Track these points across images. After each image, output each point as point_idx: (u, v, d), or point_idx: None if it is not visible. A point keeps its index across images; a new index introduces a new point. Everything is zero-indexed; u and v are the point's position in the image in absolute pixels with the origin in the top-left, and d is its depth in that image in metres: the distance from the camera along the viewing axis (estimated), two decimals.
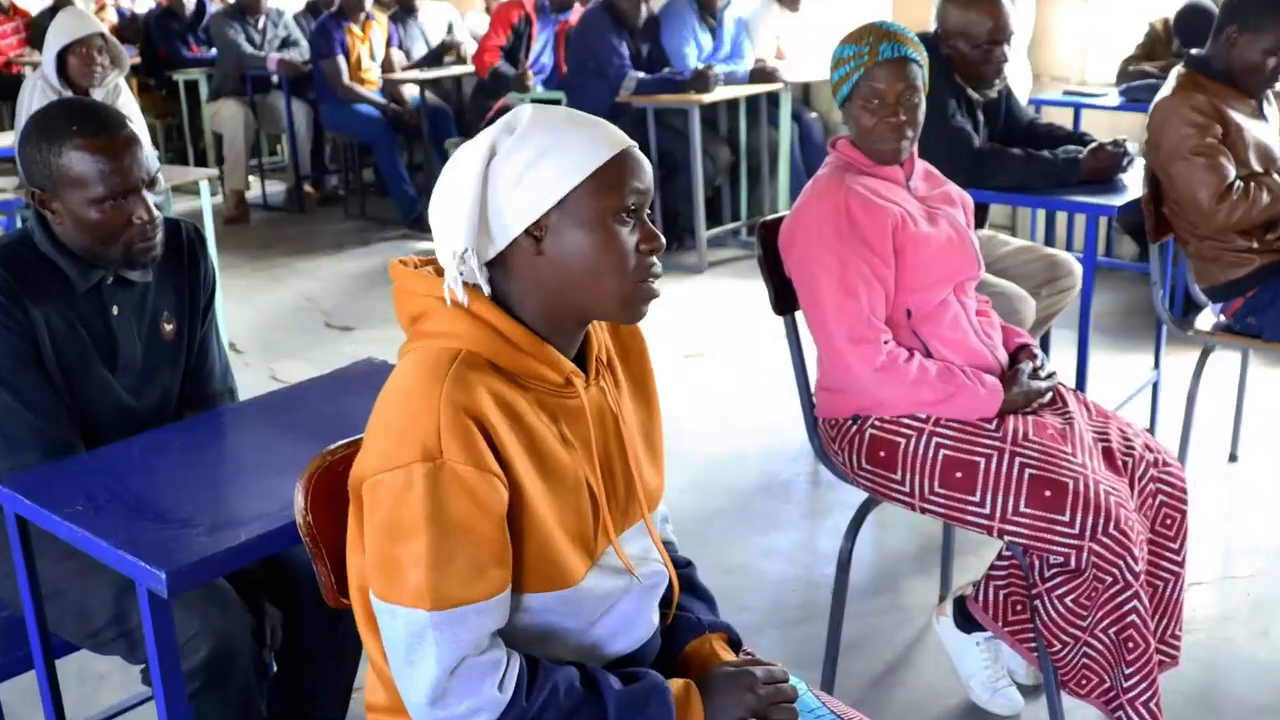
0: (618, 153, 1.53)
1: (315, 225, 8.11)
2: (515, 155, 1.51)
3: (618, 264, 1.54)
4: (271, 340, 5.74)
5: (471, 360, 1.53)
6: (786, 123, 6.93)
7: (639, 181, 1.55)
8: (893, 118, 2.67)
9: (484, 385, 1.51)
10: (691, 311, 5.84)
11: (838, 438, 2.75)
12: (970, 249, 2.75)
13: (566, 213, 1.52)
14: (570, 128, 1.53)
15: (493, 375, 1.53)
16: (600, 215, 1.52)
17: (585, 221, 1.52)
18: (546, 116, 1.54)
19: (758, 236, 2.85)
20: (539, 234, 1.53)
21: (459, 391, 1.48)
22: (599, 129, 1.55)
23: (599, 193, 1.52)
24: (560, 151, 1.51)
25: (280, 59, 8.16)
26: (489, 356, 1.54)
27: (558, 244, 1.53)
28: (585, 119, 1.56)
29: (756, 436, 4.42)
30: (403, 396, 1.51)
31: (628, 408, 1.73)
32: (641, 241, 1.56)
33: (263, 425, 2.28)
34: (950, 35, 3.75)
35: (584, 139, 1.52)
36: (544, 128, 1.52)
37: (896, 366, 2.60)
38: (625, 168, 1.54)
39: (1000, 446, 2.54)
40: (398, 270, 1.62)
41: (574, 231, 1.53)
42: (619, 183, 1.53)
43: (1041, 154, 3.78)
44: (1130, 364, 4.89)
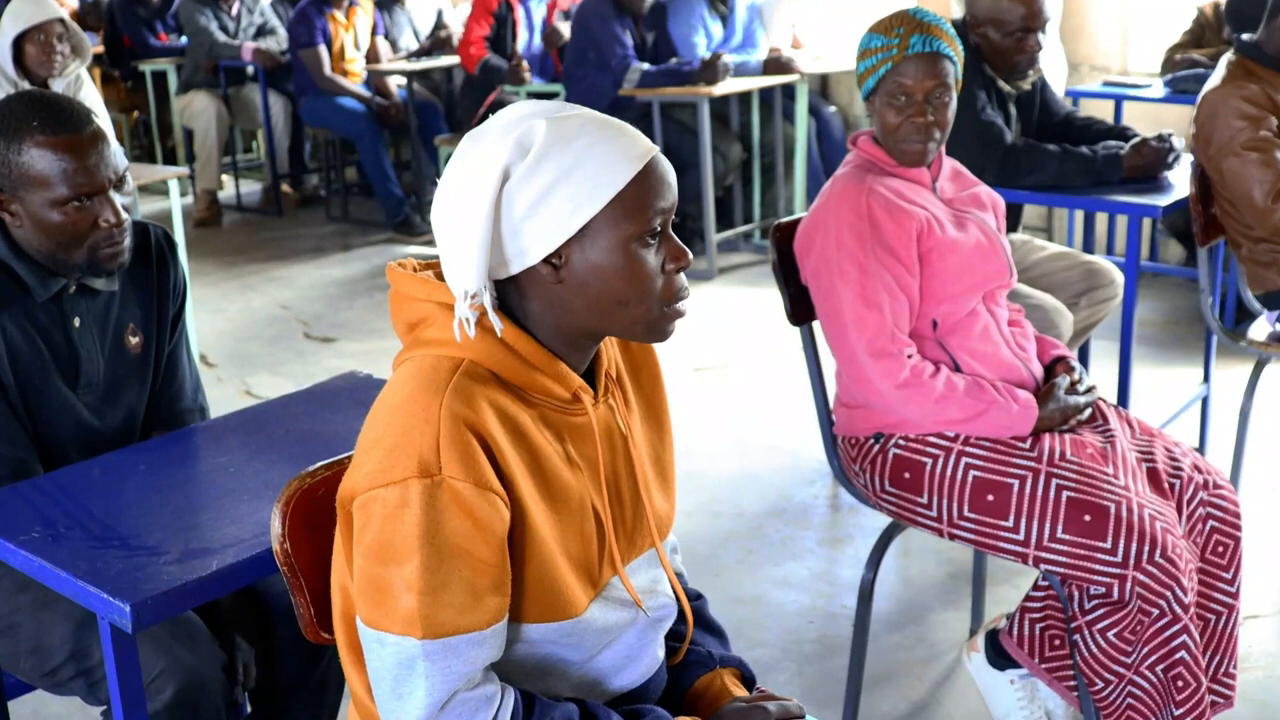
0: (641, 169, 1.52)
1: (293, 228, 8.12)
2: (530, 181, 1.50)
3: (643, 290, 1.55)
4: (245, 353, 5.74)
5: (474, 371, 1.53)
6: (803, 117, 6.93)
7: (664, 199, 1.54)
8: (920, 117, 2.67)
9: (486, 398, 1.51)
10: (701, 321, 5.85)
11: (859, 458, 2.75)
12: (1001, 255, 2.75)
13: (587, 240, 1.52)
14: (589, 145, 1.51)
15: (496, 388, 1.54)
16: (624, 241, 1.52)
17: (607, 249, 1.52)
18: (563, 132, 1.51)
19: (772, 241, 2.85)
20: (558, 263, 1.53)
21: (460, 404, 1.49)
22: (620, 141, 1.52)
23: (622, 218, 1.52)
24: (579, 175, 1.50)
25: (256, 48, 8.16)
26: (492, 368, 1.55)
27: (578, 272, 1.54)
28: (605, 128, 1.53)
29: (771, 456, 4.42)
30: (399, 408, 1.51)
31: (637, 427, 1.73)
32: (668, 260, 1.57)
33: (236, 445, 2.28)
34: (980, 22, 3.76)
35: (604, 158, 1.51)
36: (561, 147, 1.50)
37: (921, 382, 2.60)
38: (649, 186, 1.53)
39: (1035, 467, 2.54)
40: (395, 274, 1.62)
41: (596, 259, 1.53)
42: (643, 204, 1.52)
43: (1079, 150, 3.78)
44: (1177, 378, 4.88)
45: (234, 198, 8.80)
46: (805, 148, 6.96)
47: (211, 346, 5.78)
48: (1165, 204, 3.65)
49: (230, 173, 8.98)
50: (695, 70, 6.43)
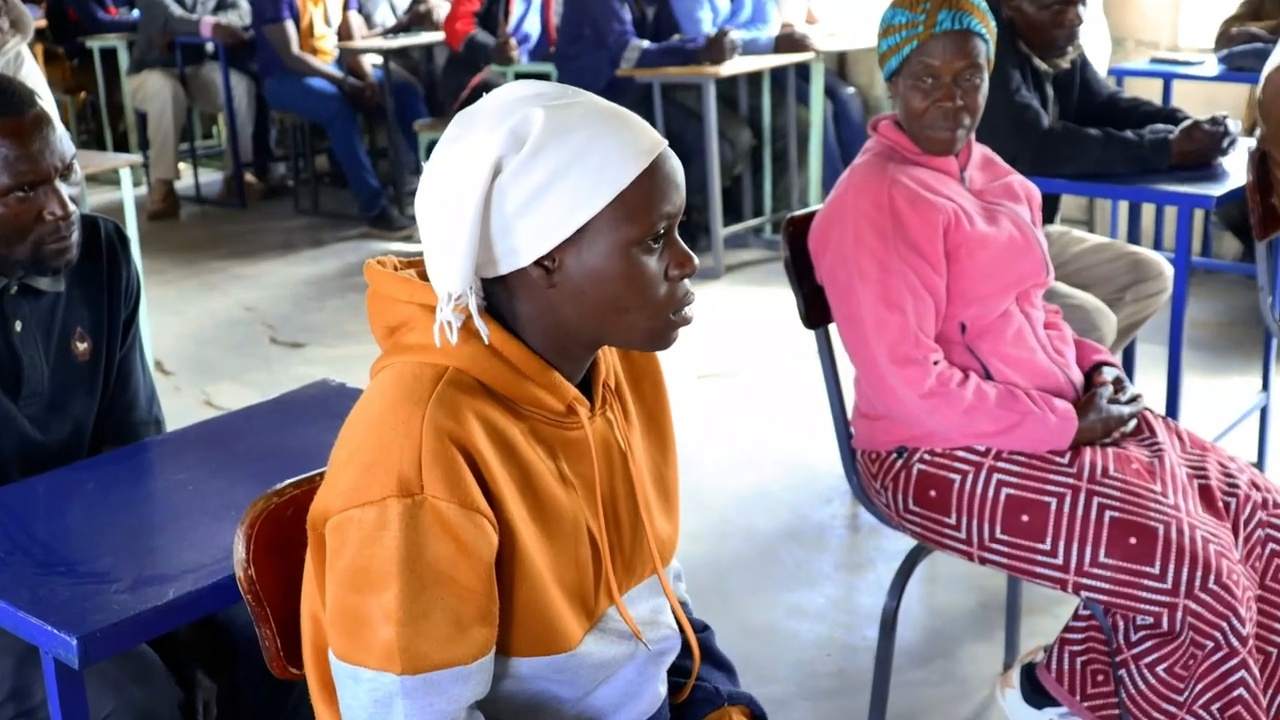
0: (646, 167, 1.52)
1: (259, 222, 8.13)
2: (525, 177, 1.50)
3: (644, 298, 1.55)
4: (205, 360, 5.74)
5: (459, 380, 1.53)
6: (819, 100, 6.94)
7: (670, 201, 1.54)
8: (948, 101, 2.67)
9: (473, 410, 1.52)
10: (706, 324, 5.85)
11: (880, 474, 2.75)
12: (1037, 251, 2.75)
13: (584, 242, 1.52)
14: (591, 138, 1.51)
15: (483, 399, 1.54)
16: (624, 245, 1.52)
17: (606, 252, 1.52)
18: (562, 123, 1.51)
19: (784, 236, 2.85)
20: (550, 266, 1.53)
21: (444, 416, 1.49)
22: (624, 135, 1.52)
23: (623, 221, 1.52)
24: (578, 172, 1.50)
25: (216, 23, 8.16)
26: (479, 376, 1.55)
27: (573, 276, 1.54)
28: (609, 120, 1.53)
29: (784, 473, 4.43)
30: (376, 420, 1.51)
31: (638, 442, 1.74)
32: (671, 265, 1.57)
33: (195, 461, 2.29)
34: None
35: (606, 153, 1.50)
36: (560, 140, 1.50)
37: (949, 391, 2.61)
38: (654, 186, 1.53)
39: (1075, 484, 2.54)
40: (374, 272, 1.62)
41: (592, 264, 1.53)
42: (646, 206, 1.52)
43: (1124, 134, 3.78)
44: (1233, 385, 4.89)
45: (192, 188, 8.80)
46: (821, 133, 6.97)
47: (168, 352, 5.78)
48: (1219, 193, 3.65)
49: (188, 161, 8.98)
50: (700, 48, 6.44)
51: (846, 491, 4.20)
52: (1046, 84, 3.89)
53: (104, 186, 7.74)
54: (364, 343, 5.66)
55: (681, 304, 1.58)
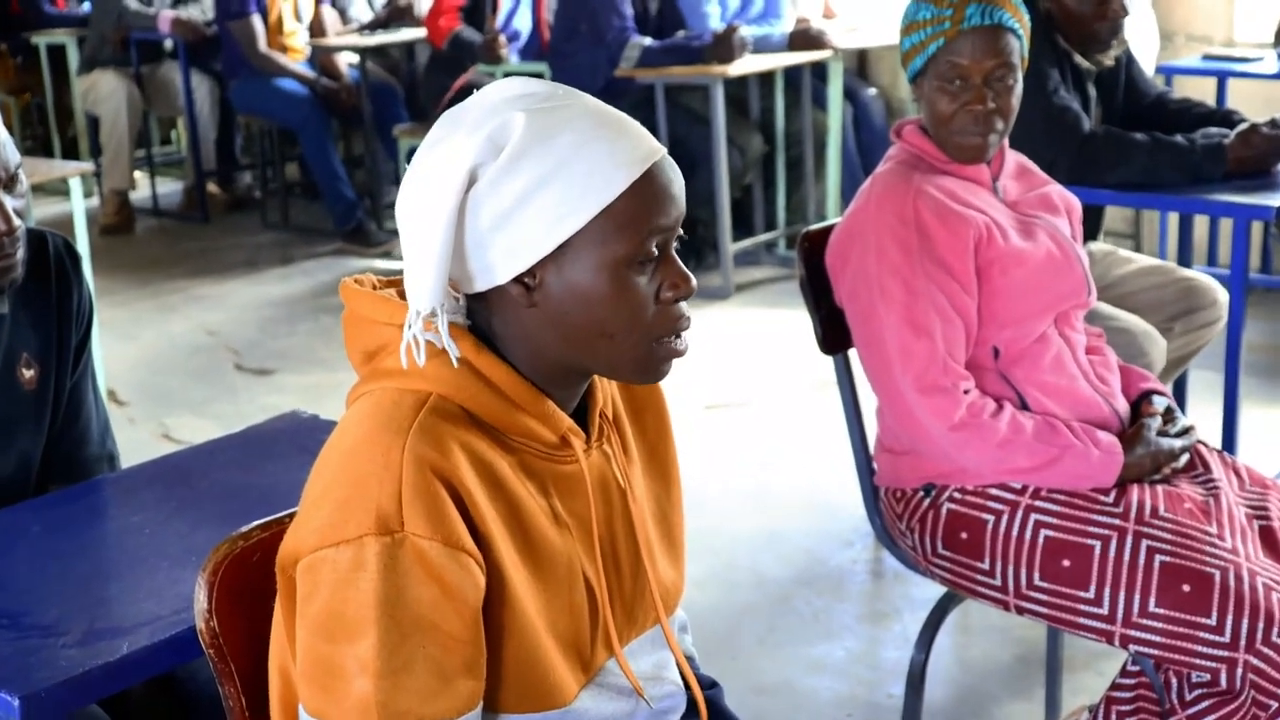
0: (638, 177, 1.52)
1: (222, 237, 8.14)
2: (501, 187, 1.50)
3: (631, 321, 1.55)
4: (164, 389, 5.75)
5: (443, 408, 1.53)
6: (837, 103, 6.96)
7: (664, 215, 1.54)
8: (979, 104, 2.68)
9: (458, 440, 1.52)
10: (714, 349, 5.85)
11: (906, 514, 2.75)
12: (1077, 268, 2.75)
13: (566, 259, 1.52)
14: (576, 145, 1.51)
15: (469, 428, 1.54)
16: (611, 263, 1.52)
17: (590, 271, 1.52)
18: (546, 127, 1.51)
19: (799, 252, 2.86)
20: (530, 283, 1.54)
21: (426, 446, 1.49)
22: (616, 142, 1.52)
23: (610, 237, 1.52)
24: (561, 182, 1.50)
25: (176, 18, 8.18)
26: (465, 404, 1.55)
27: (554, 296, 1.54)
28: (599, 125, 1.53)
29: (799, 512, 4.42)
30: (352, 451, 1.51)
31: (638, 479, 1.74)
32: (665, 285, 1.56)
33: (152, 501, 2.28)
34: None
35: (593, 161, 1.50)
36: (541, 146, 1.50)
37: (981, 422, 2.61)
38: (646, 198, 1.53)
39: (1121, 526, 2.54)
40: (351, 292, 1.62)
41: (575, 283, 1.53)
42: (637, 221, 1.52)
43: (1174, 139, 3.78)
44: None
45: (149, 200, 8.82)
46: (839, 139, 6.99)
47: (122, 381, 5.79)
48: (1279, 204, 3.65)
49: (145, 169, 9.01)
50: (706, 46, 6.45)
51: (869, 533, 4.19)
52: (1088, 83, 3.90)
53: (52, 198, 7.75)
54: (338, 370, 5.66)
55: (673, 329, 1.57)
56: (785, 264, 7.00)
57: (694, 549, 2.99)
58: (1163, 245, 6.14)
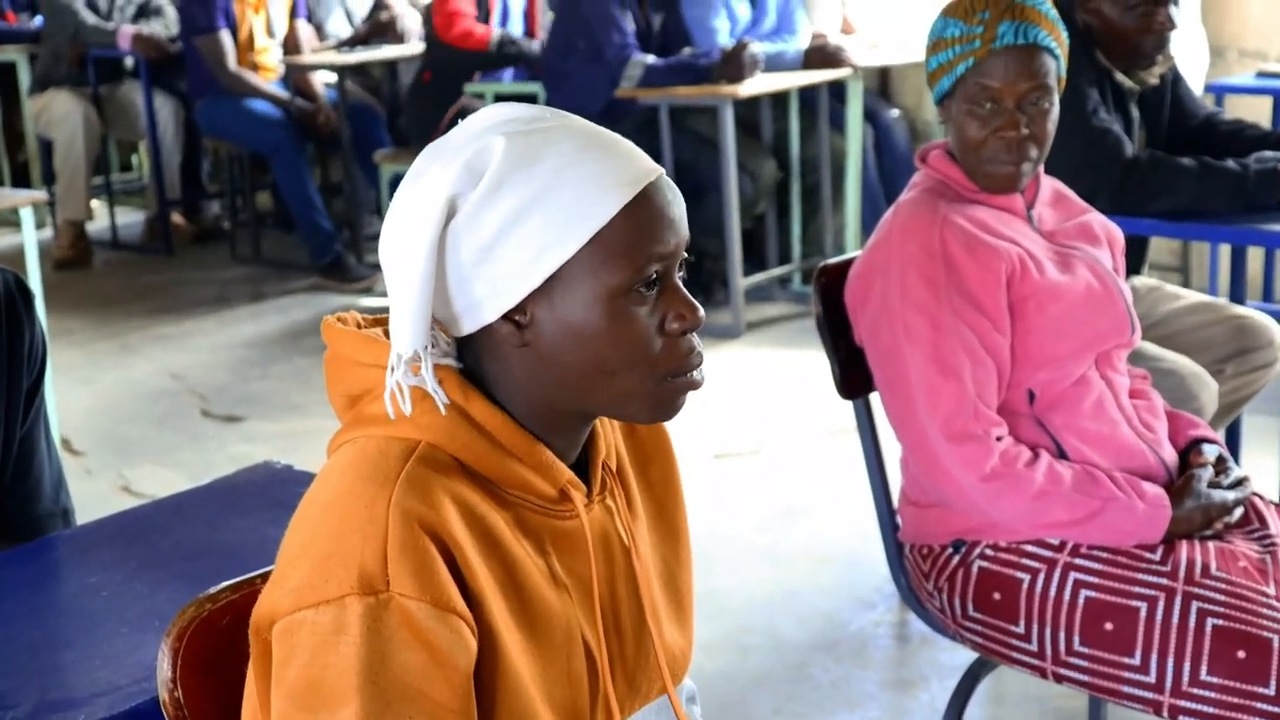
0: (631, 199, 1.52)
1: (188, 272, 8.15)
2: (482, 217, 1.51)
3: (632, 357, 1.55)
4: (123, 437, 5.75)
5: (432, 457, 1.53)
6: (857, 125, 6.97)
7: (662, 240, 1.54)
8: (1011, 130, 2.69)
9: (448, 492, 1.52)
10: (724, 393, 5.85)
11: (933, 573, 2.75)
12: (1120, 304, 2.76)
13: (558, 292, 1.52)
14: (561, 167, 1.51)
15: (460, 480, 1.54)
16: (607, 294, 1.52)
17: (583, 304, 1.52)
18: (527, 151, 1.52)
19: (816, 287, 2.86)
20: (521, 320, 1.54)
21: (414, 499, 1.49)
22: (605, 162, 1.53)
23: (602, 265, 1.52)
24: (546, 208, 1.50)
25: (137, 33, 8.19)
26: (456, 453, 1.55)
27: (547, 333, 1.54)
28: (586, 146, 1.54)
29: (817, 570, 4.42)
30: (334, 504, 1.51)
31: (644, 536, 1.74)
32: (669, 316, 1.56)
33: (111, 560, 2.28)
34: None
35: (580, 184, 1.51)
36: (523, 171, 1.51)
37: (1015, 472, 2.61)
38: (641, 222, 1.53)
39: (1169, 586, 2.54)
40: (333, 332, 1.62)
41: (568, 317, 1.53)
42: (632, 247, 1.52)
43: (1224, 163, 3.78)
44: None
45: (108, 231, 8.84)
46: (859, 165, 6.99)
47: (78, 429, 5.79)
48: None
49: (103, 198, 9.01)
50: (715, 64, 6.47)
51: (893, 594, 4.18)
52: (1131, 103, 3.90)
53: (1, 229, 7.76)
54: (314, 416, 5.66)
55: (683, 363, 1.57)
56: (801, 300, 7.01)
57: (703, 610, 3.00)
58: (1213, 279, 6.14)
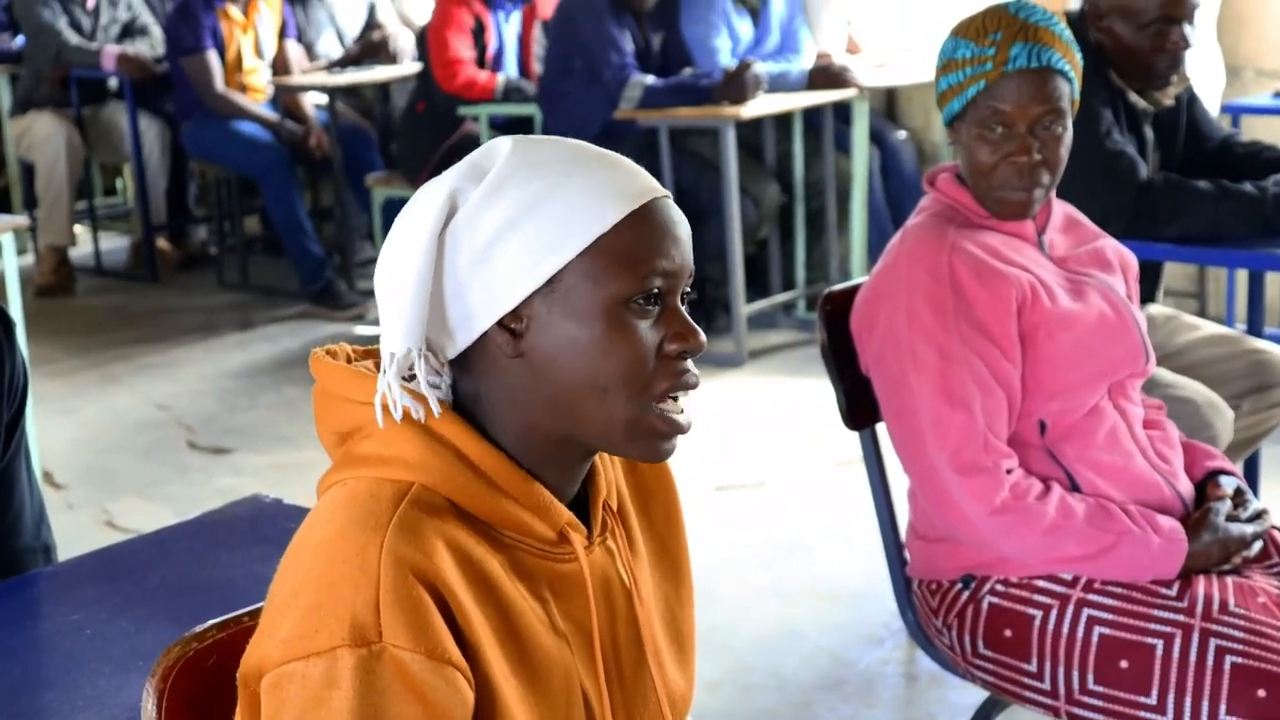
0: (637, 209, 1.53)
1: (174, 299, 8.15)
2: (483, 215, 1.52)
3: (627, 372, 1.54)
4: (107, 470, 5.74)
5: (426, 500, 1.53)
6: (863, 148, 6.97)
7: (666, 256, 1.55)
8: (1023, 155, 2.69)
9: (442, 537, 1.51)
10: (726, 423, 5.85)
11: (942, 609, 2.74)
12: (1134, 332, 2.76)
13: (556, 299, 1.53)
14: (566, 173, 1.53)
15: (455, 522, 1.54)
16: (607, 302, 1.53)
17: (583, 311, 1.53)
18: (533, 155, 1.54)
19: (821, 315, 2.87)
20: (517, 327, 1.54)
21: (408, 545, 1.48)
22: (611, 173, 1.55)
23: (605, 273, 1.52)
24: (549, 209, 1.51)
25: (122, 53, 8.18)
26: (450, 495, 1.55)
27: (543, 343, 1.54)
28: (593, 159, 1.56)
29: (822, 606, 4.41)
30: (324, 549, 1.50)
31: (645, 577, 1.73)
32: (669, 338, 1.56)
33: (94, 597, 2.28)
34: (1103, 12, 3.78)
35: (585, 189, 1.52)
36: (527, 172, 1.52)
37: (1026, 506, 2.61)
38: (644, 234, 1.54)
39: (1186, 623, 2.54)
40: (322, 365, 1.62)
41: (566, 326, 1.53)
42: (636, 257, 1.53)
43: (1241, 186, 3.77)
44: None
45: (91, 257, 8.84)
46: (865, 189, 6.99)
47: (60, 462, 5.78)
48: None
49: (86, 223, 9.02)
50: (717, 84, 6.47)
51: (900, 631, 4.18)
52: (1145, 125, 3.89)
53: None
54: (304, 448, 5.66)
55: (675, 383, 1.56)
56: (805, 328, 7.00)
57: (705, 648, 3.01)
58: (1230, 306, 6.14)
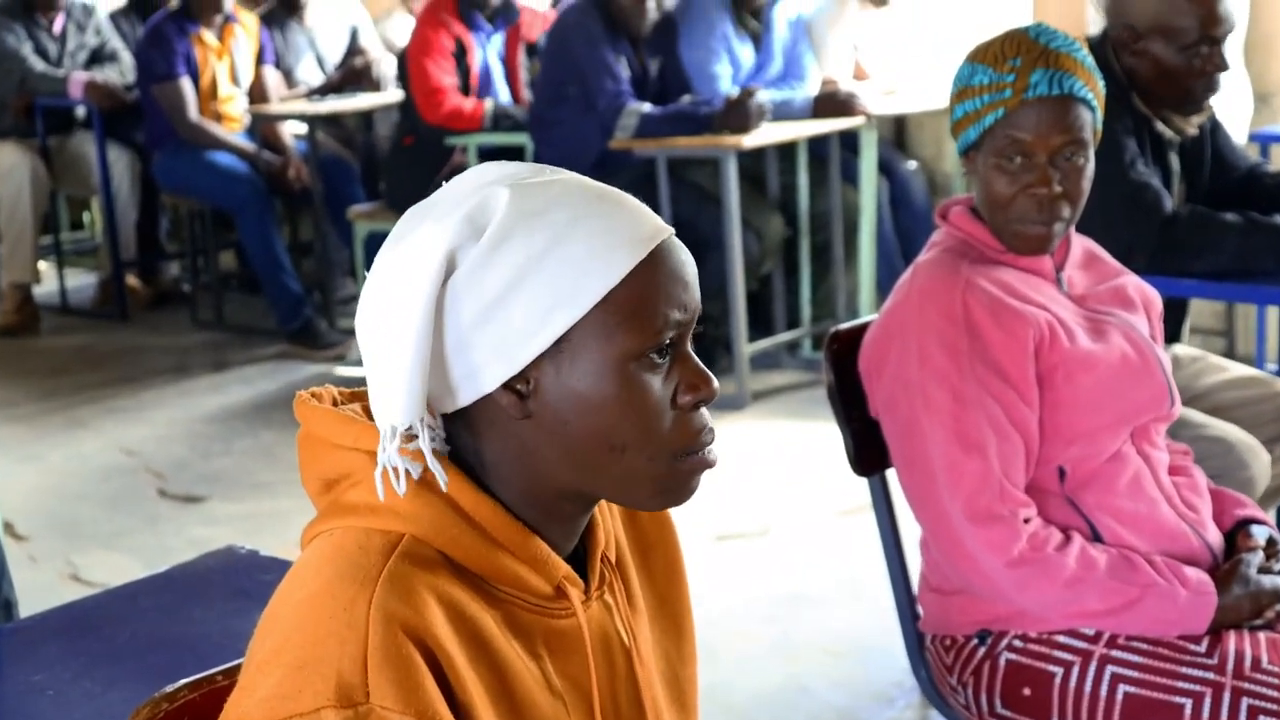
0: (644, 257, 1.52)
1: (144, 338, 8.15)
2: (486, 272, 1.51)
3: (645, 430, 1.54)
4: (72, 519, 5.73)
5: (417, 552, 1.52)
6: (871, 179, 6.98)
7: (677, 304, 1.54)
8: (1042, 187, 2.69)
9: (434, 591, 1.50)
10: (727, 469, 5.83)
11: (958, 666, 2.74)
12: (1158, 373, 2.76)
13: (565, 357, 1.52)
14: (571, 221, 1.52)
15: (447, 576, 1.53)
16: (619, 360, 1.52)
17: (594, 371, 1.52)
18: (534, 203, 1.53)
19: (828, 355, 2.87)
20: (523, 389, 1.53)
21: (397, 600, 1.48)
22: (617, 217, 1.54)
23: (617, 328, 1.52)
24: (554, 263, 1.50)
25: (90, 81, 8.21)
26: (443, 547, 1.54)
27: (552, 404, 1.53)
28: (596, 200, 1.55)
29: (829, 662, 4.41)
30: (309, 605, 1.50)
31: (645, 633, 1.73)
32: (682, 389, 1.56)
33: (57, 655, 2.27)
34: (1141, 33, 3.75)
35: (592, 239, 1.51)
36: (530, 224, 1.51)
37: (1045, 557, 2.60)
38: (655, 282, 1.53)
39: (1216, 681, 2.53)
40: (307, 409, 1.61)
41: (577, 385, 1.52)
42: (646, 309, 1.52)
43: (1272, 219, 3.77)
44: None
45: (57, 295, 8.85)
46: (874, 222, 7.00)
47: (22, 511, 5.77)
48: None
49: (52, 259, 9.03)
50: (717, 112, 6.49)
51: (913, 689, 4.17)
52: (1171, 154, 3.88)
53: None
54: (282, 497, 5.65)
55: (696, 441, 1.57)
56: (811, 368, 7.00)
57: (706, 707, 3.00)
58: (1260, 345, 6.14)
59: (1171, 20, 3.73)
